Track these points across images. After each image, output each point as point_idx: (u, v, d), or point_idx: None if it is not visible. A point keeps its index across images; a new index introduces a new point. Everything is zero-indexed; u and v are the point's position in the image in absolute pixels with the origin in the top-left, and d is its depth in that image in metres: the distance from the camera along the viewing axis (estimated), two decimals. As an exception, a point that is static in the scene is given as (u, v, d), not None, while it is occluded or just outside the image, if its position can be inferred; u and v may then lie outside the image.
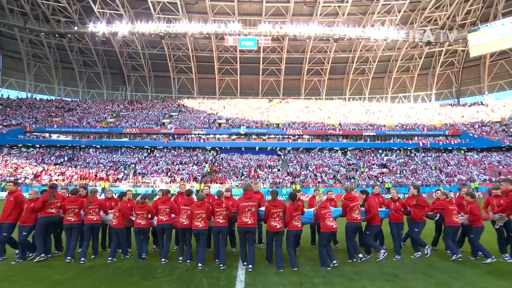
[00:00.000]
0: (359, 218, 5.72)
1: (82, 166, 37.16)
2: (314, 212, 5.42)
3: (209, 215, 5.17)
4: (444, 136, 46.48)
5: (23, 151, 41.52)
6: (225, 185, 33.57)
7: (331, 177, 36.54)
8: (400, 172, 37.75)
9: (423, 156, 43.72)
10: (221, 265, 5.29)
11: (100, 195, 28.40)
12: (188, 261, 5.46)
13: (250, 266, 5.22)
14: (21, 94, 56.14)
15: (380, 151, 45.79)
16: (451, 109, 55.75)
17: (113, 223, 5.63)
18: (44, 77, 57.01)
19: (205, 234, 5.32)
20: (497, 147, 44.21)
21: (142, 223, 5.55)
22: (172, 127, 45.96)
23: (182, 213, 5.50)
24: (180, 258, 5.50)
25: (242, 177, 36.33)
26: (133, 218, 5.87)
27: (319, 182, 35.02)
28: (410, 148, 45.45)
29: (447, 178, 35.35)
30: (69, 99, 58.06)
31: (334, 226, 5.35)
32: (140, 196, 5.92)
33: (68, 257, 5.46)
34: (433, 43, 50.82)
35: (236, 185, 33.39)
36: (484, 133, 46.11)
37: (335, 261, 5.31)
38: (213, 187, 32.65)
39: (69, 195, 6.12)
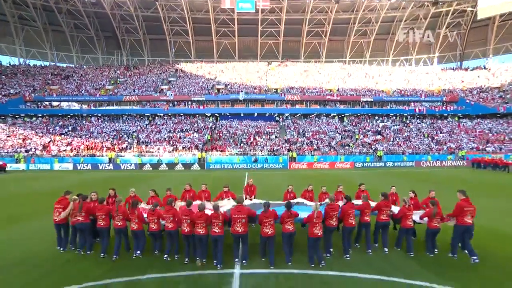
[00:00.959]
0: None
1: (87, 136, 38.46)
2: (305, 218, 6.18)
3: (207, 223, 5.86)
4: (441, 102, 47.02)
5: (27, 121, 42.51)
6: (225, 153, 35.31)
7: (326, 144, 38.09)
8: (393, 139, 39.20)
9: (418, 123, 44.83)
10: (218, 265, 5.82)
11: (110, 163, 30.05)
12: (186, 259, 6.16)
13: (244, 261, 5.99)
14: (13, 60, 55.03)
15: (377, 117, 46.73)
16: (452, 73, 55.14)
17: (133, 228, 6.37)
18: (35, 41, 55.14)
19: (206, 239, 5.99)
20: (492, 114, 45.08)
21: (154, 227, 6.35)
22: (171, 94, 46.20)
23: (183, 221, 6.09)
24: (186, 259, 6.17)
25: (242, 144, 37.89)
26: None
27: (314, 149, 36.67)
28: (406, 114, 46.30)
29: (437, 146, 36.91)
30: (64, 65, 56.97)
31: (319, 234, 5.97)
32: (153, 204, 6.75)
33: (102, 254, 6.40)
34: (440, 2, 48.34)
35: (236, 153, 35.14)
36: (481, 100, 46.55)
37: (324, 261, 6.02)
38: (214, 155, 34.52)
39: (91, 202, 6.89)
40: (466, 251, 6.20)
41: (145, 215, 6.55)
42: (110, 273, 5.61)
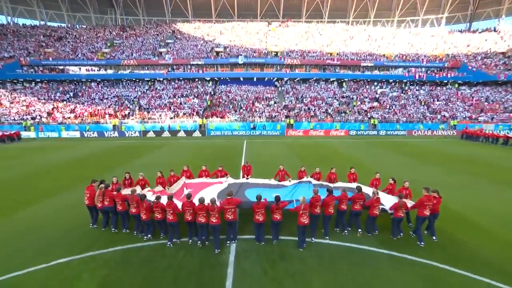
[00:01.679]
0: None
1: (89, 103, 39.13)
2: (291, 209, 7.23)
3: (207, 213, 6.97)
4: (442, 69, 46.59)
5: (27, 87, 42.71)
6: (225, 119, 36.41)
7: (324, 110, 38.97)
8: (389, 107, 39.93)
9: (416, 90, 45.03)
10: (216, 250, 6.85)
11: (115, 131, 31.25)
12: (190, 240, 7.29)
13: (234, 241, 7.20)
14: (1, 19, 52.88)
15: (376, 83, 46.74)
16: (458, 36, 53.35)
17: (143, 217, 7.34)
18: (21, -3, 52.35)
19: (206, 226, 6.99)
20: (492, 81, 45.01)
21: (159, 217, 7.26)
22: (170, 58, 45.56)
23: (186, 211, 7.03)
24: (190, 240, 7.29)
25: (241, 111, 38.78)
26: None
27: (311, 116, 37.68)
28: (405, 80, 46.23)
29: (431, 115, 37.80)
30: (55, 25, 54.78)
31: (306, 222, 6.94)
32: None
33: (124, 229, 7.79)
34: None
35: (235, 119, 36.24)
36: (483, 66, 46.06)
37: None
38: (214, 121, 35.69)
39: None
40: (426, 232, 7.57)
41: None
42: (125, 240, 7.33)
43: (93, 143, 26.01)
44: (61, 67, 44.79)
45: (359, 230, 7.75)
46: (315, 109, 39.31)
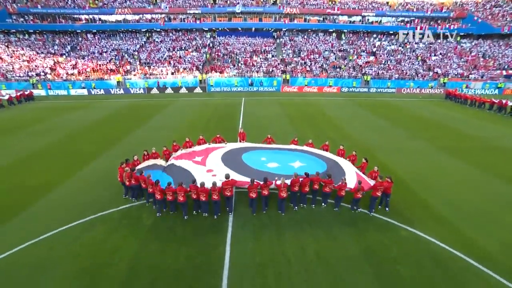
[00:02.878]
0: None
1: (89, 57, 39.61)
2: (276, 185, 8.73)
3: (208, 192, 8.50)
4: (446, 19, 45.53)
5: (21, 38, 42.43)
6: (224, 74, 37.65)
7: (320, 65, 39.84)
8: (385, 62, 40.62)
9: (415, 43, 44.82)
10: (215, 215, 8.60)
11: (119, 88, 32.72)
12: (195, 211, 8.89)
13: (231, 212, 8.86)
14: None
15: (375, 35, 46.21)
16: (469, -21, 50.11)
17: (157, 197, 8.60)
18: None
19: (207, 202, 8.63)
20: (495, 34, 44.45)
21: (170, 198, 8.57)
22: (166, 6, 44.12)
23: (192, 192, 8.56)
24: (194, 212, 8.95)
25: (239, 65, 39.66)
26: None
27: (307, 70, 38.81)
28: (406, 32, 45.61)
29: (424, 72, 38.78)
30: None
31: (284, 196, 8.71)
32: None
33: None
34: None
35: (234, 75, 37.52)
36: (490, 17, 44.94)
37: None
38: (213, 76, 37.04)
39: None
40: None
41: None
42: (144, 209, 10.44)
43: (104, 103, 28.20)
44: (52, 16, 43.65)
45: (323, 204, 9.37)
46: (311, 64, 40.16)
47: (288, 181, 8.88)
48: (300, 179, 8.97)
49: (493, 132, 17.92)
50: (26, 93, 29.34)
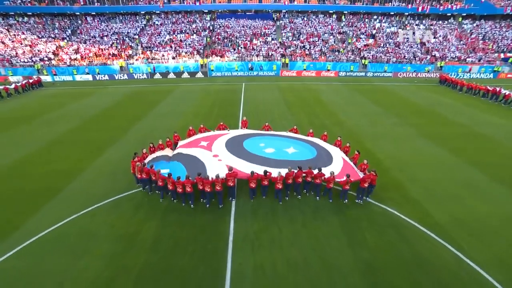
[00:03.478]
0: None
1: (91, 41, 40.02)
2: (273, 178, 9.70)
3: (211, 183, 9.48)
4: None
5: (20, 21, 42.57)
6: (224, 58, 38.29)
7: (319, 49, 40.26)
8: (383, 45, 40.93)
9: (416, 25, 44.73)
10: (220, 205, 9.70)
11: (123, 73, 33.60)
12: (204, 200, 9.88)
13: (233, 199, 10.01)
14: None
15: (375, 16, 46.01)
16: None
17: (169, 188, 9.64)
18: None
19: (212, 192, 9.58)
20: (498, 15, 44.22)
21: (189, 190, 9.46)
22: (164, -12, 43.74)
23: (199, 184, 9.54)
24: (202, 200, 9.96)
25: (239, 48, 40.13)
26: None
27: (306, 54, 39.33)
28: (407, 13, 45.40)
29: (421, 55, 39.18)
30: None
31: (280, 187, 9.71)
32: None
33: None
34: None
35: (234, 59, 38.16)
36: (496, -4, 44.52)
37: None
38: (214, 60, 37.72)
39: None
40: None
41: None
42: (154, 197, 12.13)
43: (110, 89, 29.31)
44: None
45: (317, 198, 10.25)
46: (310, 47, 40.57)
47: (283, 172, 9.80)
48: (294, 172, 9.84)
49: (479, 119, 19.15)
50: (34, 79, 30.32)
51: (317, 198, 10.17)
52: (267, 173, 9.83)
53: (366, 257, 7.47)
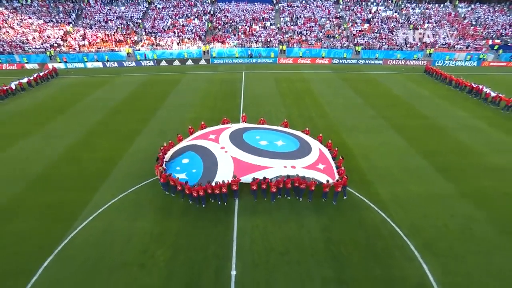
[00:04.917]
0: None
1: (96, 26, 41.69)
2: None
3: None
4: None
5: (24, 4, 43.87)
6: (225, 45, 40.40)
7: (315, 34, 42.15)
8: (378, 30, 42.72)
9: (412, 8, 46.03)
10: (225, 203, 12.02)
11: (131, 60, 35.95)
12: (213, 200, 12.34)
13: (237, 198, 12.25)
14: None
15: (372, 0, 47.09)
16: None
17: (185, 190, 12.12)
18: None
19: (219, 194, 11.82)
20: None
21: (195, 194, 11.99)
22: (164, -30, 44.41)
23: (208, 189, 11.65)
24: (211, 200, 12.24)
25: (239, 34, 42.03)
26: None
27: (303, 40, 41.35)
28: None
29: (413, 42, 41.14)
30: None
31: (275, 191, 12.09)
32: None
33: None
34: None
35: (235, 45, 40.31)
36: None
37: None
38: (216, 46, 39.90)
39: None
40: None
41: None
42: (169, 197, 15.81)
43: (122, 78, 32.03)
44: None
45: (300, 198, 12.53)
46: (307, 33, 42.44)
47: (273, 175, 12.27)
48: (284, 179, 12.15)
49: (445, 112, 22.14)
50: (49, 70, 32.47)
51: (300, 199, 12.49)
52: (265, 179, 12.15)
53: (325, 222, 11.32)
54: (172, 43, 39.70)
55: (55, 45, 38.67)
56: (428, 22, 44.36)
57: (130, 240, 10.39)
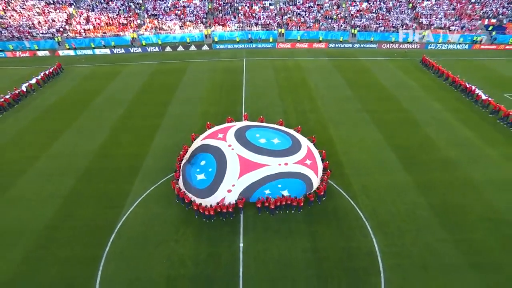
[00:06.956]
0: None
1: (99, 8, 42.35)
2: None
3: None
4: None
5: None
6: (226, 28, 41.57)
7: (313, 15, 42.97)
8: (376, 10, 43.33)
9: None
10: (231, 217, 14.30)
11: (136, 46, 37.60)
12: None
13: (241, 213, 14.69)
14: None
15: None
16: None
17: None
18: None
19: (226, 212, 14.23)
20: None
21: (212, 213, 16.40)
22: None
23: (217, 208, 14.10)
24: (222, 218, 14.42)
25: (239, 16, 42.89)
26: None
27: (301, 22, 42.35)
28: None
29: (410, 23, 42.03)
30: None
31: (272, 207, 14.68)
32: (206, 204, 19.24)
33: None
34: None
35: (235, 29, 41.52)
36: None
37: None
38: (217, 30, 41.18)
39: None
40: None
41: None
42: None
43: (131, 67, 34.20)
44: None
45: (292, 211, 14.84)
46: (305, 14, 43.22)
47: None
48: (280, 197, 14.67)
49: (424, 106, 24.61)
50: (54, 67, 31.79)
51: (292, 211, 15.03)
52: (268, 198, 14.61)
53: (309, 214, 15.19)
54: (175, 26, 40.87)
55: (61, 29, 39.97)
56: (427, 0, 44.71)
57: (165, 222, 14.36)
